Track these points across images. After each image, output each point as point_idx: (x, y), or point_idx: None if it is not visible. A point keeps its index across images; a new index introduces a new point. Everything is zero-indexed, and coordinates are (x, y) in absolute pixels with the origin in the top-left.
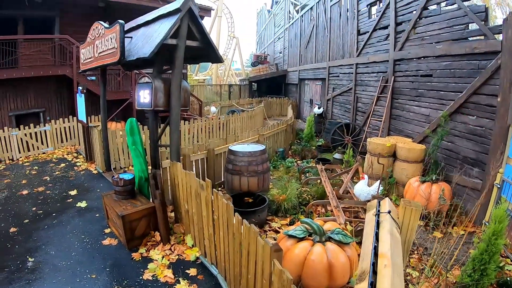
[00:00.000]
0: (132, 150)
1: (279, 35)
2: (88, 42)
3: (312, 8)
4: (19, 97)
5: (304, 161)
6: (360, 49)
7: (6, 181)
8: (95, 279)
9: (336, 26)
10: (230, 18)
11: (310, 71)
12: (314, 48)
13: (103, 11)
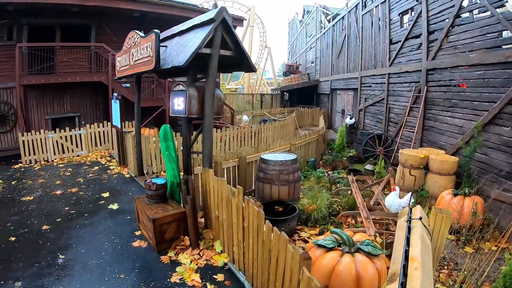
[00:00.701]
0: (165, 156)
1: (311, 45)
2: (124, 50)
3: (343, 17)
4: (56, 102)
5: (335, 172)
6: (392, 58)
7: (40, 181)
8: (123, 279)
9: (368, 36)
10: (262, 28)
11: (342, 81)
12: (346, 58)
13: (137, 20)
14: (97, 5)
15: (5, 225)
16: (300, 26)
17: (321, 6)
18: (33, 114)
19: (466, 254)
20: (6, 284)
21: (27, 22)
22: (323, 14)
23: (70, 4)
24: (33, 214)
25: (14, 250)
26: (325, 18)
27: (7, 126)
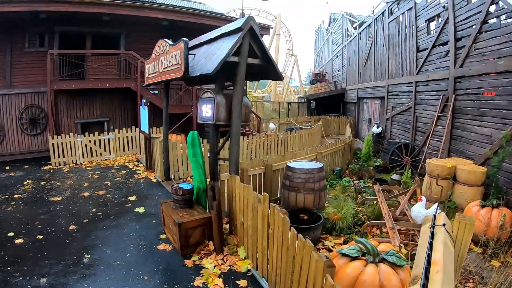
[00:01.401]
0: (193, 162)
1: (337, 53)
2: (153, 58)
3: (370, 25)
4: (86, 107)
5: (361, 181)
6: (420, 66)
7: (69, 183)
8: (147, 281)
9: (394, 43)
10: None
11: (369, 89)
12: (373, 66)
13: (165, 29)
14: (127, 14)
15: (34, 223)
16: (326, 34)
17: (347, 14)
18: (64, 118)
19: (492, 268)
20: (32, 280)
21: (58, 29)
22: (349, 22)
23: (101, 13)
24: (61, 214)
25: (41, 248)
26: (351, 26)
27: (37, 129)
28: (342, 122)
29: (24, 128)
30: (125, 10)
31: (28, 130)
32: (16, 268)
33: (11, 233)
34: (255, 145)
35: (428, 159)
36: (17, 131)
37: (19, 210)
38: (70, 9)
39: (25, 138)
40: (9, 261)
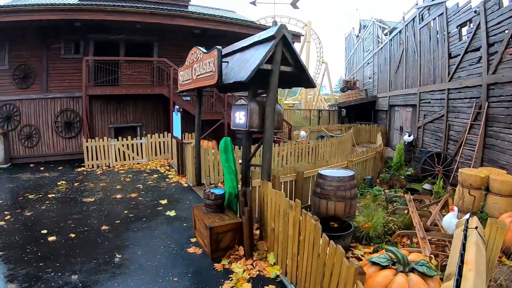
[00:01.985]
0: (225, 167)
1: (368, 60)
2: (187, 65)
3: (400, 31)
4: (119, 112)
5: (392, 190)
6: (452, 73)
7: (102, 185)
8: (176, 282)
9: (426, 50)
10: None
11: (400, 97)
12: (404, 73)
13: (197, 36)
14: (159, 22)
15: (67, 222)
16: (356, 41)
17: (378, 20)
18: (97, 123)
19: None
20: (64, 276)
21: (93, 37)
22: (380, 29)
23: (134, 21)
24: (93, 214)
25: (73, 246)
26: (382, 33)
27: (72, 132)
28: (373, 130)
29: (59, 131)
30: (158, 18)
31: (63, 133)
32: (48, 264)
33: (45, 231)
34: (286, 153)
35: (461, 168)
36: (52, 133)
37: (52, 209)
38: (104, 17)
39: (59, 141)
40: (42, 257)
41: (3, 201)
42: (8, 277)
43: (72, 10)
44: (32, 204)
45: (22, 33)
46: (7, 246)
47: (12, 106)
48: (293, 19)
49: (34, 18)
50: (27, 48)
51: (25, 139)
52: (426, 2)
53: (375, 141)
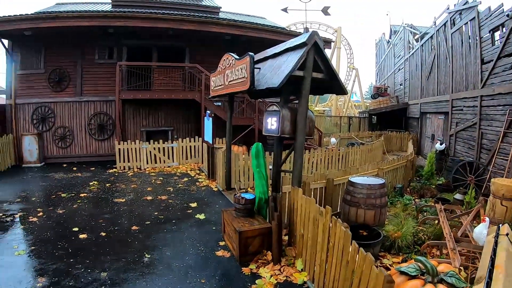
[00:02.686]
0: (256, 172)
1: (399, 66)
2: (219, 71)
3: (432, 36)
4: (151, 116)
5: (422, 200)
6: (484, 79)
7: (133, 186)
8: (204, 284)
9: (458, 55)
10: (349, 49)
11: (432, 104)
12: (436, 79)
13: (228, 43)
14: (191, 28)
15: (98, 221)
16: (387, 47)
17: (408, 25)
18: (130, 126)
19: None
20: (93, 273)
21: (126, 42)
22: (411, 34)
23: (167, 28)
24: (124, 215)
25: (104, 244)
26: (413, 38)
27: (105, 135)
28: (404, 138)
29: (92, 133)
30: (190, 25)
31: (96, 135)
32: (78, 261)
33: (76, 228)
34: (316, 159)
35: (493, 178)
36: (85, 135)
37: (84, 208)
38: (138, 24)
39: (92, 143)
40: (72, 254)
41: (36, 199)
42: (39, 271)
43: (106, 17)
44: (65, 202)
45: (58, 38)
46: (38, 242)
47: (47, 108)
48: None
49: (70, 24)
50: (63, 53)
51: (59, 140)
52: (457, 6)
53: (406, 149)
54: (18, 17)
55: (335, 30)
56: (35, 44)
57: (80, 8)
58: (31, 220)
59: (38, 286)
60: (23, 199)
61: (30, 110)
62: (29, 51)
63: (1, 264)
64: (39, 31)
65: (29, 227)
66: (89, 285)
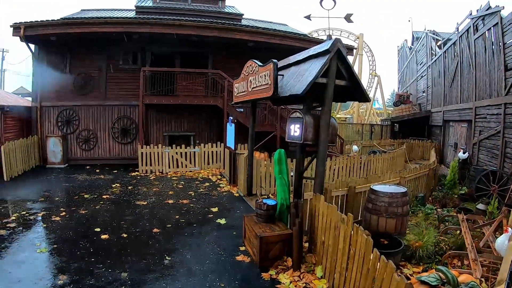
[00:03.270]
0: (278, 179)
1: (422, 73)
2: (242, 78)
3: (455, 43)
4: (174, 121)
5: (444, 209)
6: (509, 86)
7: (154, 189)
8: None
9: (481, 62)
10: (371, 56)
11: (455, 112)
12: (459, 87)
13: (250, 49)
14: (214, 35)
15: (119, 223)
16: (410, 54)
17: (431, 32)
18: (152, 130)
19: None
20: (114, 273)
21: (150, 48)
22: (433, 40)
23: (190, 34)
24: (145, 217)
25: (125, 245)
26: (436, 45)
27: (128, 138)
28: (427, 146)
29: (115, 136)
30: (213, 32)
31: (119, 138)
32: (100, 260)
33: (98, 229)
34: (338, 167)
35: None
36: (108, 138)
37: (106, 209)
38: (161, 30)
39: (115, 146)
40: (94, 253)
41: (59, 198)
42: (60, 269)
43: (131, 24)
44: (87, 203)
45: (83, 43)
46: (61, 240)
47: (71, 111)
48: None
49: (96, 30)
50: (87, 57)
51: (83, 142)
52: (480, 12)
53: (428, 157)
54: (45, 23)
55: (357, 36)
56: (60, 49)
57: (105, 14)
58: (53, 219)
59: (59, 283)
60: (47, 198)
61: (55, 112)
62: (55, 55)
63: (23, 260)
64: (65, 37)
65: (51, 226)
66: (110, 284)
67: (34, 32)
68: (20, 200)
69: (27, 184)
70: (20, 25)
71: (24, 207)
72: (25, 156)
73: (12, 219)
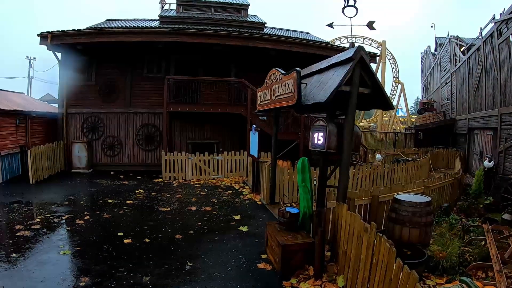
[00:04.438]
0: (301, 187)
1: (446, 80)
2: (265, 86)
3: (478, 48)
4: (197, 129)
5: (469, 220)
6: None
7: (178, 196)
8: None
9: (506, 67)
10: (394, 63)
11: (480, 119)
12: (484, 93)
13: (273, 57)
14: (237, 44)
15: (142, 228)
16: (433, 60)
17: (454, 37)
18: (176, 138)
19: None
20: (135, 277)
21: (174, 57)
22: (457, 46)
23: (213, 43)
24: (168, 223)
25: (147, 250)
26: (459, 50)
27: (152, 145)
28: (451, 155)
29: (139, 143)
30: (236, 41)
31: (143, 145)
32: (122, 264)
33: (121, 233)
34: (361, 176)
35: None
36: (133, 145)
37: (130, 214)
38: (185, 40)
39: (139, 152)
40: (116, 257)
41: (83, 203)
42: (82, 271)
43: (156, 33)
44: (111, 208)
45: (109, 52)
46: (84, 243)
47: (97, 118)
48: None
49: (122, 39)
50: (113, 66)
51: (107, 148)
52: (503, 15)
53: (453, 166)
54: (71, 32)
55: (379, 43)
56: (86, 57)
57: (129, 24)
58: (77, 223)
59: (81, 285)
60: (71, 202)
61: (81, 119)
62: (81, 64)
63: (47, 261)
64: (91, 45)
65: (75, 229)
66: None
67: (61, 41)
68: (45, 203)
69: (52, 187)
70: (47, 34)
71: (49, 209)
72: (51, 160)
73: (36, 221)
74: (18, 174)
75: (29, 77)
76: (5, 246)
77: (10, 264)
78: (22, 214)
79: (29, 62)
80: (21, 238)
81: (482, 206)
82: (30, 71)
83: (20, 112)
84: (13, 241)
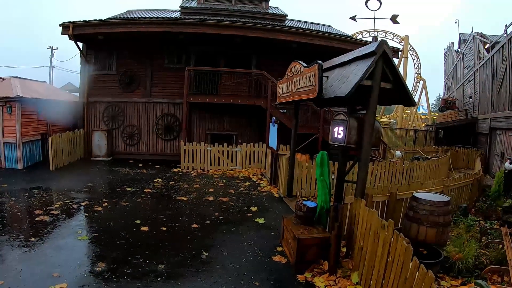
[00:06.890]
0: (319, 181)
1: (469, 78)
2: (286, 79)
3: (503, 46)
4: (216, 120)
5: (487, 222)
6: None
7: (195, 186)
8: (257, 287)
9: None
10: (416, 59)
11: (503, 119)
12: (508, 93)
13: (294, 50)
14: (258, 36)
15: (159, 216)
16: (456, 57)
17: (478, 34)
18: (195, 128)
19: None
20: (151, 264)
21: (194, 49)
22: (481, 43)
23: (234, 35)
24: (185, 212)
25: (163, 239)
26: (483, 48)
27: (171, 135)
28: (472, 155)
29: (159, 133)
30: (257, 33)
31: (162, 135)
32: (138, 251)
33: (138, 221)
34: (380, 172)
35: None
36: (152, 135)
37: (147, 202)
38: (206, 31)
39: (159, 142)
40: (133, 244)
41: (102, 190)
42: (99, 257)
43: (176, 24)
44: (129, 195)
45: (129, 42)
46: (101, 230)
47: (117, 107)
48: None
49: (143, 30)
50: (133, 56)
51: (127, 137)
52: None
53: (473, 166)
54: (93, 22)
55: (402, 38)
56: (107, 47)
57: (150, 15)
58: (95, 209)
59: (97, 270)
60: (90, 189)
61: (101, 108)
62: (102, 54)
63: (64, 246)
64: (112, 36)
65: (93, 216)
66: (146, 275)
67: (82, 31)
68: (64, 189)
69: (72, 174)
70: (69, 24)
71: (68, 196)
72: (71, 148)
73: (56, 206)
74: (39, 160)
75: (51, 66)
76: (24, 231)
77: (29, 248)
78: (41, 199)
79: (51, 51)
80: (40, 223)
81: (501, 209)
82: (52, 61)
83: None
84: (32, 225)
